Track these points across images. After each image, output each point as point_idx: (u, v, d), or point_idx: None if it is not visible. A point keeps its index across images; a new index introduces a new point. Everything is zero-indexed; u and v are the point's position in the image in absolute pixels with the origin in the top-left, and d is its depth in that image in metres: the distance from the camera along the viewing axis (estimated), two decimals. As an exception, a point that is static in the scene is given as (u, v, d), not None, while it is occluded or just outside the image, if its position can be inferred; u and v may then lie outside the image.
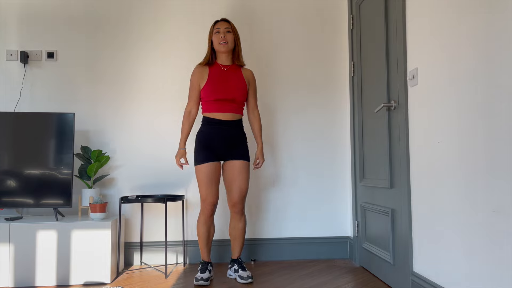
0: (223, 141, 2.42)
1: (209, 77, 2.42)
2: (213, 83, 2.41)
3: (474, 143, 1.53)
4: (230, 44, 2.46)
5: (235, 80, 2.46)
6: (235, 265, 2.49)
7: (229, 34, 2.47)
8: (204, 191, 2.39)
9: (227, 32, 2.46)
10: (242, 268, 2.46)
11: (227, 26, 2.47)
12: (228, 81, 2.44)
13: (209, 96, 2.40)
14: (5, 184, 2.53)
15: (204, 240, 2.45)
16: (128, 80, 2.98)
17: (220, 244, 2.94)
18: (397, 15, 2.15)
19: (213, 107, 2.42)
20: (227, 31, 2.46)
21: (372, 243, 2.56)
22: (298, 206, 3.03)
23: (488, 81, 1.45)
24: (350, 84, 2.97)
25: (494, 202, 1.42)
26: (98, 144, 2.94)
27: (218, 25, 2.48)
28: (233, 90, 2.43)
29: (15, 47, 2.93)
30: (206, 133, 2.43)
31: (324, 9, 3.12)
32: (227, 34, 2.46)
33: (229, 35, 2.46)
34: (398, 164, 2.16)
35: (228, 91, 2.41)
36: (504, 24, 1.36)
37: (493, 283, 1.43)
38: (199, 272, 2.40)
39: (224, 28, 2.46)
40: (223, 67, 2.47)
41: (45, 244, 2.41)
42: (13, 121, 2.57)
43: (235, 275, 2.49)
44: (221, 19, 2.51)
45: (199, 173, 2.39)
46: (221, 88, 2.41)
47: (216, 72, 2.45)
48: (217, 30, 2.47)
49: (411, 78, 2.01)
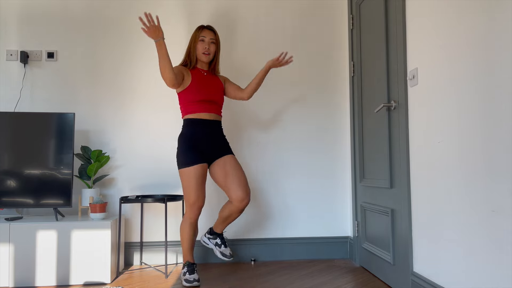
0: (209, 140, 2.43)
1: (193, 79, 2.46)
2: (197, 84, 2.45)
3: (474, 143, 1.53)
4: (211, 55, 2.52)
5: (215, 83, 2.53)
6: (218, 239, 2.54)
7: (213, 46, 2.52)
8: (194, 194, 2.34)
9: (211, 43, 2.51)
10: (225, 245, 2.54)
11: (212, 37, 2.51)
12: (209, 84, 2.50)
13: (194, 97, 2.43)
14: (5, 184, 2.53)
15: (189, 243, 2.43)
16: (128, 80, 2.98)
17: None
18: (397, 15, 2.15)
19: (197, 107, 2.44)
20: (211, 42, 2.51)
21: (372, 243, 2.56)
22: (298, 206, 3.03)
23: (488, 81, 1.45)
24: (350, 84, 2.97)
25: (494, 202, 1.42)
26: (98, 144, 2.94)
27: (203, 33, 2.50)
28: (214, 93, 2.49)
29: (15, 47, 2.93)
30: (191, 134, 2.41)
31: (324, 9, 3.12)
32: (211, 45, 2.51)
33: (212, 47, 2.52)
34: (398, 164, 2.16)
35: (211, 93, 2.47)
36: (504, 24, 1.36)
37: (493, 283, 1.43)
38: (188, 274, 2.36)
39: (209, 39, 2.50)
40: (203, 71, 2.53)
41: (45, 244, 2.41)
42: (13, 121, 2.57)
43: (213, 247, 2.55)
44: (207, 27, 2.54)
45: (187, 176, 2.34)
46: (204, 89, 2.46)
47: (198, 75, 2.49)
48: (202, 38, 2.49)
49: (411, 78, 2.01)
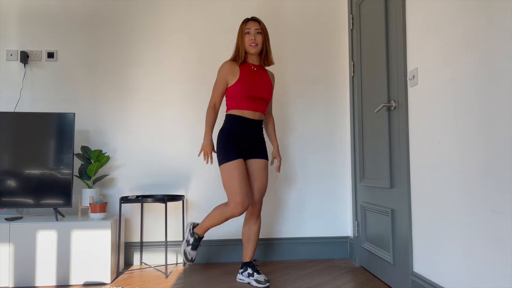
0: (248, 138, 2.39)
1: (241, 75, 2.38)
2: (245, 80, 2.37)
3: (474, 143, 1.53)
4: (260, 46, 2.42)
5: (264, 80, 2.44)
6: (249, 269, 2.42)
7: (259, 36, 2.42)
8: (239, 190, 2.23)
9: (257, 34, 2.42)
10: (257, 272, 2.40)
11: (257, 27, 2.42)
12: (259, 80, 2.42)
13: (242, 92, 2.35)
14: (5, 184, 2.53)
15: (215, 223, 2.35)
16: (128, 80, 2.98)
17: (220, 244, 2.94)
18: (397, 15, 2.15)
19: (244, 104, 2.37)
20: (257, 32, 2.41)
21: (372, 243, 2.56)
22: (298, 206, 3.03)
23: (488, 81, 1.45)
24: (350, 84, 2.97)
25: (494, 202, 1.42)
26: (98, 144, 2.94)
27: (248, 25, 2.42)
28: (264, 89, 2.41)
29: (15, 47, 2.93)
30: (232, 130, 2.36)
31: (324, 9, 3.12)
32: (257, 35, 2.41)
33: (259, 37, 2.42)
34: (398, 164, 2.16)
35: (260, 89, 2.40)
36: (504, 24, 1.36)
37: (493, 283, 1.43)
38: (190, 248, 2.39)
39: (255, 30, 2.41)
40: (253, 66, 2.45)
41: (45, 244, 2.41)
42: (13, 121, 2.57)
43: (248, 279, 2.41)
44: (252, 18, 2.44)
45: (232, 170, 2.25)
46: (253, 86, 2.38)
47: (247, 70, 2.41)
48: (248, 30, 2.41)
49: (411, 78, 2.01)
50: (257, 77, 2.42)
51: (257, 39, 2.41)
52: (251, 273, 2.40)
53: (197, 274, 2.63)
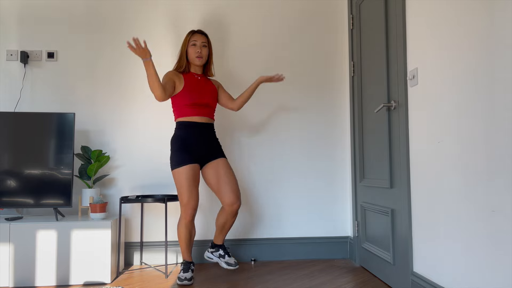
0: (201, 142, 2.47)
1: (186, 83, 2.50)
2: (190, 88, 2.49)
3: (474, 143, 1.53)
4: (204, 58, 2.57)
5: (208, 87, 2.56)
6: (221, 251, 2.57)
7: (205, 49, 2.57)
8: (187, 194, 2.37)
9: (203, 47, 2.55)
10: (228, 254, 2.55)
11: (203, 40, 2.56)
12: (203, 87, 2.54)
13: (186, 100, 2.46)
14: (5, 184, 2.53)
15: (186, 242, 2.44)
16: (128, 80, 2.98)
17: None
18: (397, 15, 2.15)
19: (190, 111, 2.47)
20: (203, 46, 2.55)
21: (372, 243, 2.56)
22: (298, 206, 3.03)
23: (488, 81, 1.45)
24: (350, 84, 2.97)
25: (493, 202, 1.42)
26: (98, 144, 2.94)
27: (195, 37, 2.55)
28: (207, 96, 2.53)
29: (15, 47, 2.93)
30: (183, 136, 2.45)
31: (324, 9, 3.12)
32: (203, 48, 2.55)
33: (204, 50, 2.56)
34: (398, 164, 2.16)
35: (204, 96, 2.51)
36: (504, 24, 1.36)
37: (492, 283, 1.44)
38: (182, 272, 2.41)
39: (201, 42, 2.55)
40: (196, 75, 2.57)
41: (45, 244, 2.41)
42: (13, 121, 2.57)
43: (218, 260, 2.58)
44: (198, 31, 2.58)
45: (180, 176, 2.38)
46: (197, 93, 2.49)
47: (191, 79, 2.53)
48: (194, 42, 2.54)
49: (411, 78, 2.01)
50: (200, 85, 2.53)
51: (202, 51, 2.55)
52: (222, 254, 2.56)
53: (197, 274, 2.63)
